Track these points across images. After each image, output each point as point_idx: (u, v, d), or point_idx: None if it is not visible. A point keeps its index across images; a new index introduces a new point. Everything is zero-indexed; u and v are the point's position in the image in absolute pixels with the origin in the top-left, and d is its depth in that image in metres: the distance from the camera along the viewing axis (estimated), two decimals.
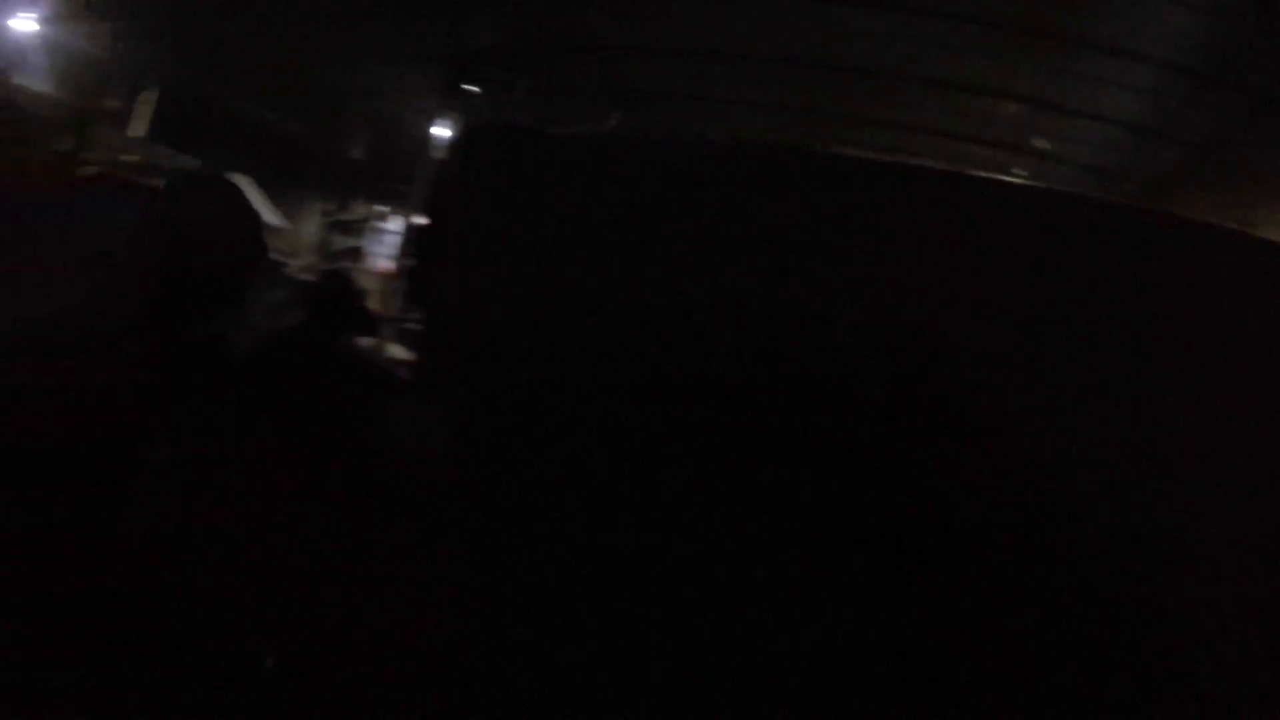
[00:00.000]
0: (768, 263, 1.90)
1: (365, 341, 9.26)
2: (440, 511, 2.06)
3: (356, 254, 20.42)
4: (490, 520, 2.01)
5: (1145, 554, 1.78)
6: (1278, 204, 11.76)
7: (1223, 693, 1.79)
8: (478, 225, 2.26)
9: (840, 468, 1.82)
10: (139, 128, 17.15)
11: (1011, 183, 2.67)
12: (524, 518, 1.98)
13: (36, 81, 14.32)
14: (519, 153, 2.30)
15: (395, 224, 19.62)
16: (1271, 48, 10.31)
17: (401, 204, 18.01)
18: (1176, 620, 1.80)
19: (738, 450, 1.86)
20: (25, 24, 13.99)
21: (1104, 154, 15.03)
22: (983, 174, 3.02)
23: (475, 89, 14.83)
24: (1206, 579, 1.80)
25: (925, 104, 14.80)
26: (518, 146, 2.35)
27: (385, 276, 17.46)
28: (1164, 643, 1.78)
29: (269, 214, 14.74)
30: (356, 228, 21.41)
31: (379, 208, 21.92)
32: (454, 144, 2.46)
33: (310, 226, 22.25)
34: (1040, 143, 14.95)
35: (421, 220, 2.61)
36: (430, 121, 15.90)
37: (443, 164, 2.38)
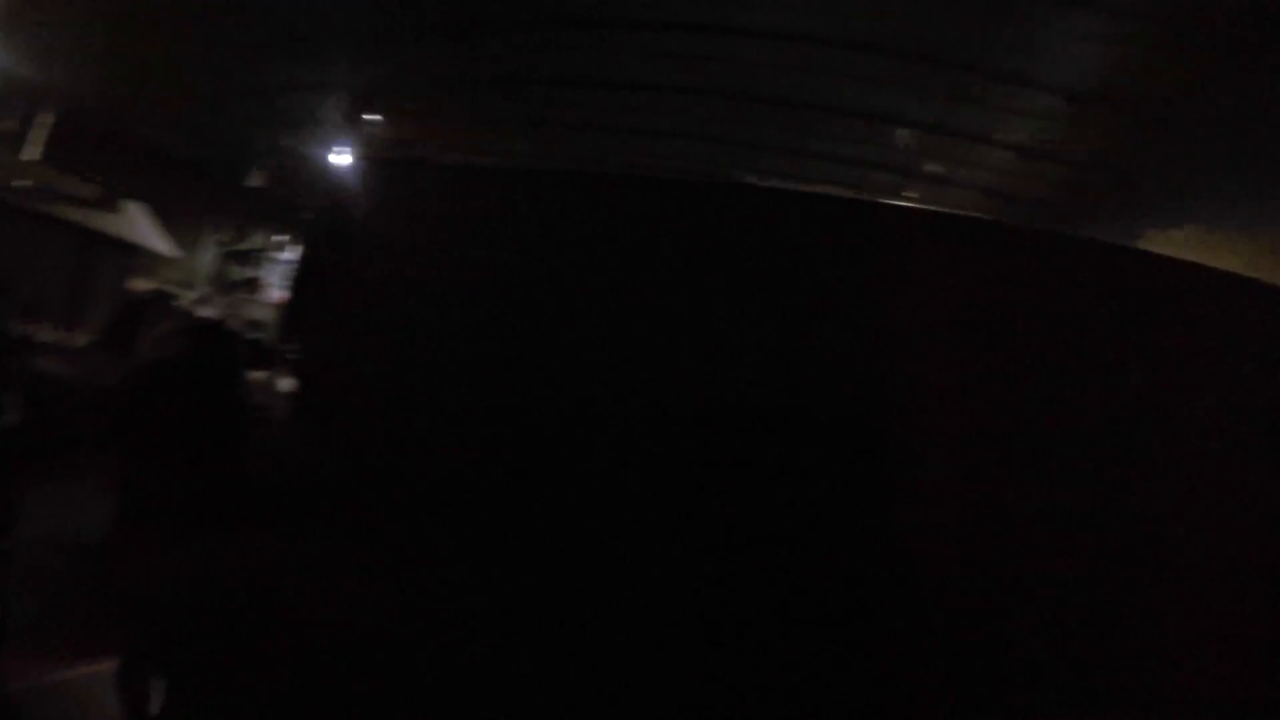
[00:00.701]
0: (665, 289, 1.89)
1: (257, 373, 9.04)
2: (320, 524, 2.08)
3: (253, 284, 19.93)
4: (370, 529, 2.02)
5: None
6: (1161, 222, 12.27)
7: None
8: (364, 253, 2.23)
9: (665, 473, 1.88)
10: (34, 151, 16.56)
11: (913, 208, 2.72)
12: (399, 529, 1.98)
13: None
14: (406, 182, 2.28)
15: (293, 253, 19.25)
16: (1156, 70, 10.81)
17: (299, 233, 17.68)
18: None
19: (605, 465, 1.82)
20: None
21: (995, 176, 15.53)
22: (883, 200, 3.08)
23: (376, 118, 14.66)
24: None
25: (826, 131, 15.10)
26: (404, 177, 2.34)
27: (281, 306, 17.10)
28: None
29: (162, 243, 14.32)
30: (254, 258, 20.91)
31: (277, 238, 21.47)
32: (343, 174, 2.39)
33: (207, 256, 21.67)
34: (933, 167, 15.37)
35: (308, 249, 2.55)
36: (330, 151, 15.69)
37: (332, 194, 2.33)
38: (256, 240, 21.58)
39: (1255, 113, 10.09)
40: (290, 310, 2.50)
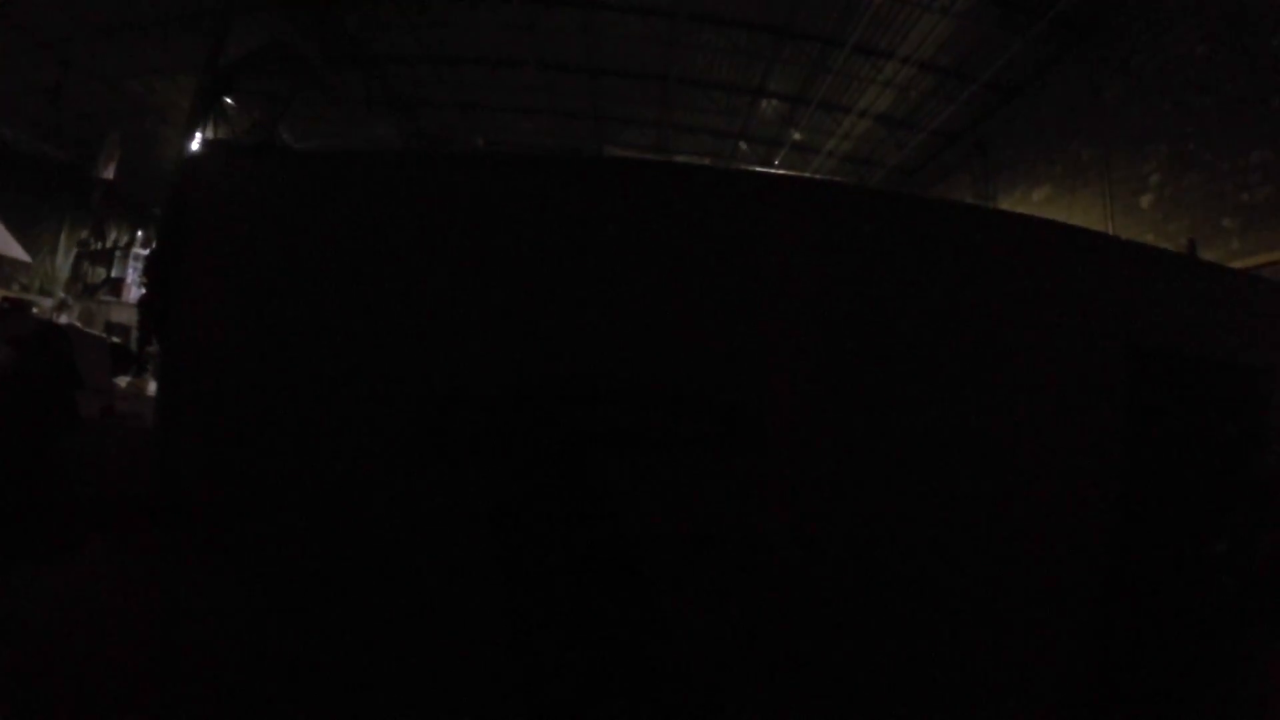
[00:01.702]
0: (520, 268, 1.88)
1: (121, 378, 8.71)
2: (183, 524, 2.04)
3: (117, 286, 19.07)
4: (237, 526, 1.98)
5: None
6: (1018, 185, 12.81)
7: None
8: (200, 243, 2.17)
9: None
10: None
11: (781, 175, 2.75)
12: (262, 522, 1.95)
13: None
14: (241, 167, 2.23)
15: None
16: (1008, 45, 11.32)
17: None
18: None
19: (462, 452, 1.84)
20: None
21: (857, 144, 15.96)
22: (754, 169, 3.11)
23: (230, 102, 14.14)
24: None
25: (693, 104, 15.25)
26: (240, 161, 2.28)
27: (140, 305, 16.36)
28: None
29: (15, 249, 13.58)
30: (114, 257, 19.99)
31: (139, 233, 20.59)
32: (181, 163, 2.34)
33: (65, 259, 20.63)
34: (798, 135, 15.69)
35: (154, 244, 2.46)
36: (187, 138, 15.09)
37: (173, 184, 2.23)
38: (116, 238, 20.62)
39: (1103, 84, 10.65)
40: (143, 308, 2.41)
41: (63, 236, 20.87)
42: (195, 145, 14.01)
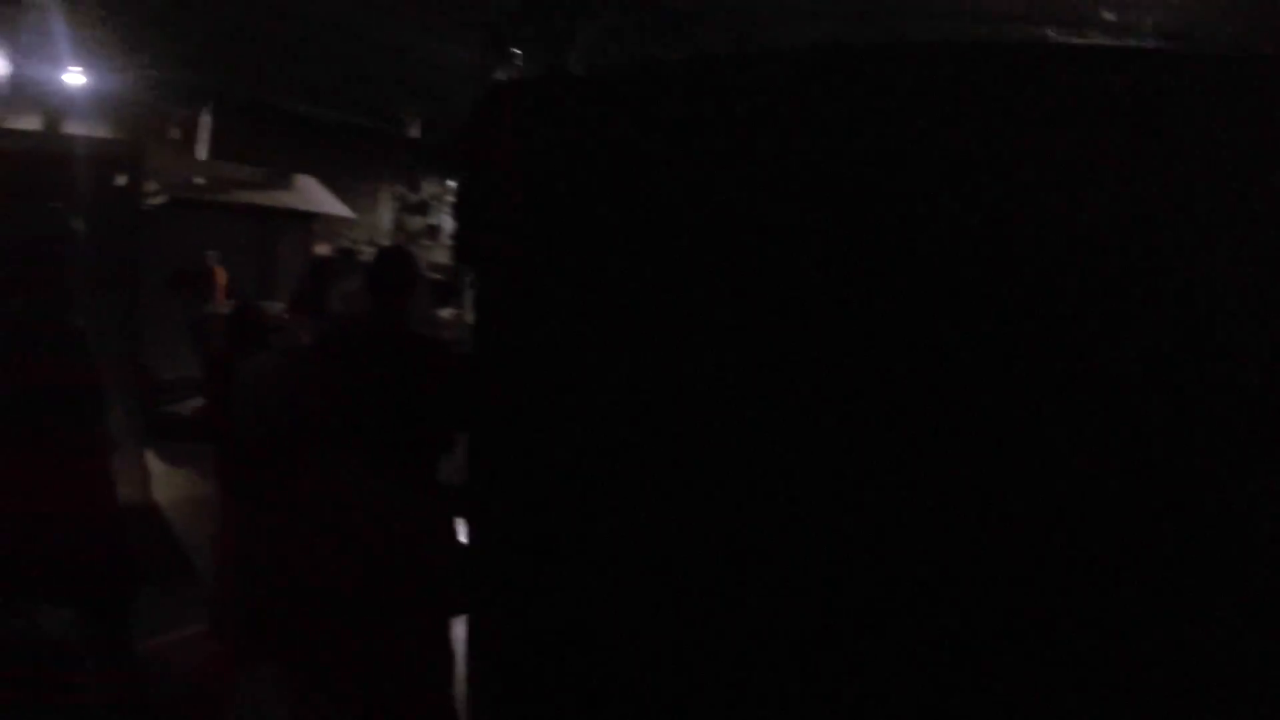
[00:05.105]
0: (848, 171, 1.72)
1: (444, 311, 9.47)
2: None
3: (433, 232, 20.64)
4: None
5: None
6: None
7: None
8: (509, 179, 2.28)
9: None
10: (203, 150, 17.78)
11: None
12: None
13: (90, 127, 15.09)
14: (541, 101, 2.30)
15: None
16: None
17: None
18: None
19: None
20: (75, 77, 14.80)
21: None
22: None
23: (517, 51, 14.78)
24: None
25: None
26: (529, 95, 2.38)
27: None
28: None
29: (338, 207, 15.03)
30: (430, 206, 21.61)
31: (449, 183, 22.13)
32: (478, 106, 2.47)
33: (385, 212, 22.61)
34: (1109, 14, 14.14)
35: (461, 184, 2.64)
36: (481, 88, 15.90)
37: (470, 126, 2.36)
38: (429, 189, 22.29)
39: None
40: (456, 245, 2.59)
41: (381, 193, 22.88)
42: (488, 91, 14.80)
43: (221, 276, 9.58)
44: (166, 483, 5.47)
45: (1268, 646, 1.51)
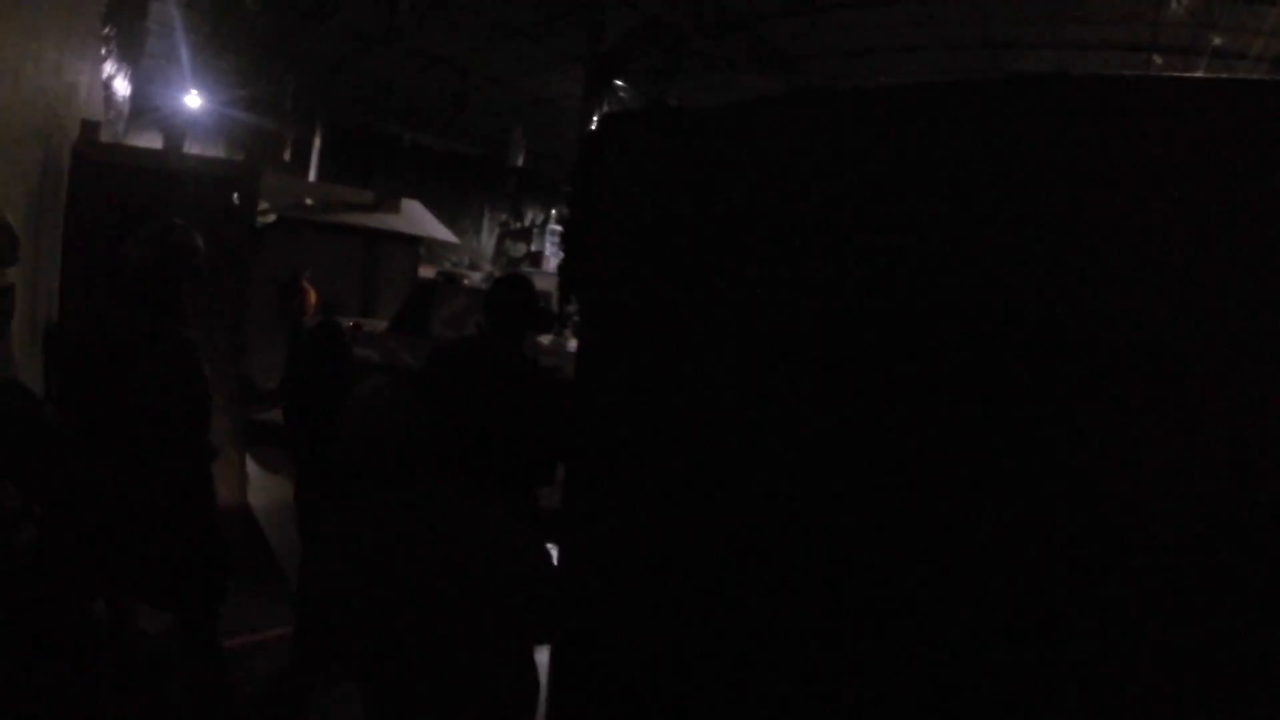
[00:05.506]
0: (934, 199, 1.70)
1: (543, 337, 9.63)
2: None
3: (536, 258, 21.04)
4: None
5: None
6: None
7: None
8: (613, 209, 2.32)
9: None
10: (313, 172, 18.54)
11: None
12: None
13: (209, 148, 15.90)
14: (636, 134, 2.33)
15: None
16: None
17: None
18: None
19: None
20: (194, 100, 15.55)
21: None
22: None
23: (621, 83, 15.00)
24: None
25: (1089, 14, 13.77)
26: (634, 128, 2.39)
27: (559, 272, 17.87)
28: None
29: (443, 231, 15.37)
30: (532, 233, 22.02)
31: (552, 211, 22.56)
32: (584, 139, 2.49)
33: (488, 238, 23.14)
34: (1218, 39, 13.61)
35: (566, 215, 2.67)
36: (585, 120, 16.23)
37: (579, 158, 2.39)
38: (532, 218, 22.73)
39: None
40: (562, 274, 2.61)
41: (485, 219, 23.42)
42: (593, 123, 15.08)
43: (311, 295, 9.91)
44: (262, 486, 5.63)
45: (1268, 646, 1.43)
